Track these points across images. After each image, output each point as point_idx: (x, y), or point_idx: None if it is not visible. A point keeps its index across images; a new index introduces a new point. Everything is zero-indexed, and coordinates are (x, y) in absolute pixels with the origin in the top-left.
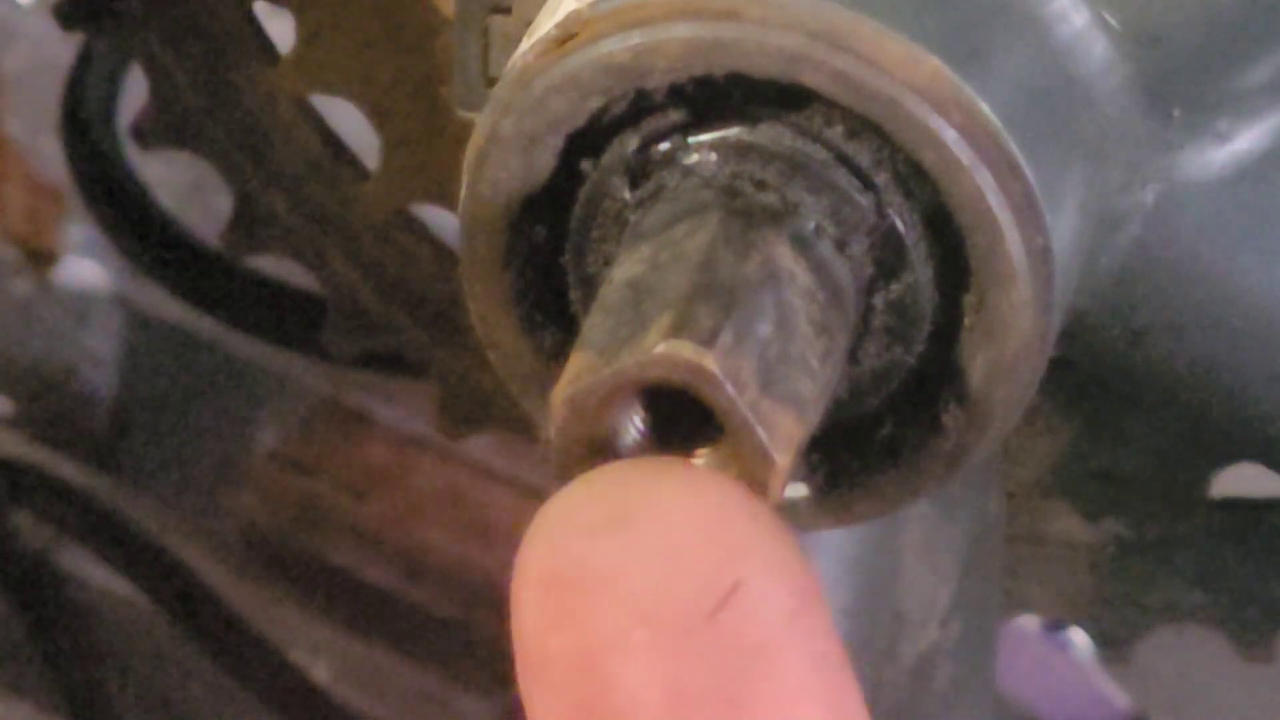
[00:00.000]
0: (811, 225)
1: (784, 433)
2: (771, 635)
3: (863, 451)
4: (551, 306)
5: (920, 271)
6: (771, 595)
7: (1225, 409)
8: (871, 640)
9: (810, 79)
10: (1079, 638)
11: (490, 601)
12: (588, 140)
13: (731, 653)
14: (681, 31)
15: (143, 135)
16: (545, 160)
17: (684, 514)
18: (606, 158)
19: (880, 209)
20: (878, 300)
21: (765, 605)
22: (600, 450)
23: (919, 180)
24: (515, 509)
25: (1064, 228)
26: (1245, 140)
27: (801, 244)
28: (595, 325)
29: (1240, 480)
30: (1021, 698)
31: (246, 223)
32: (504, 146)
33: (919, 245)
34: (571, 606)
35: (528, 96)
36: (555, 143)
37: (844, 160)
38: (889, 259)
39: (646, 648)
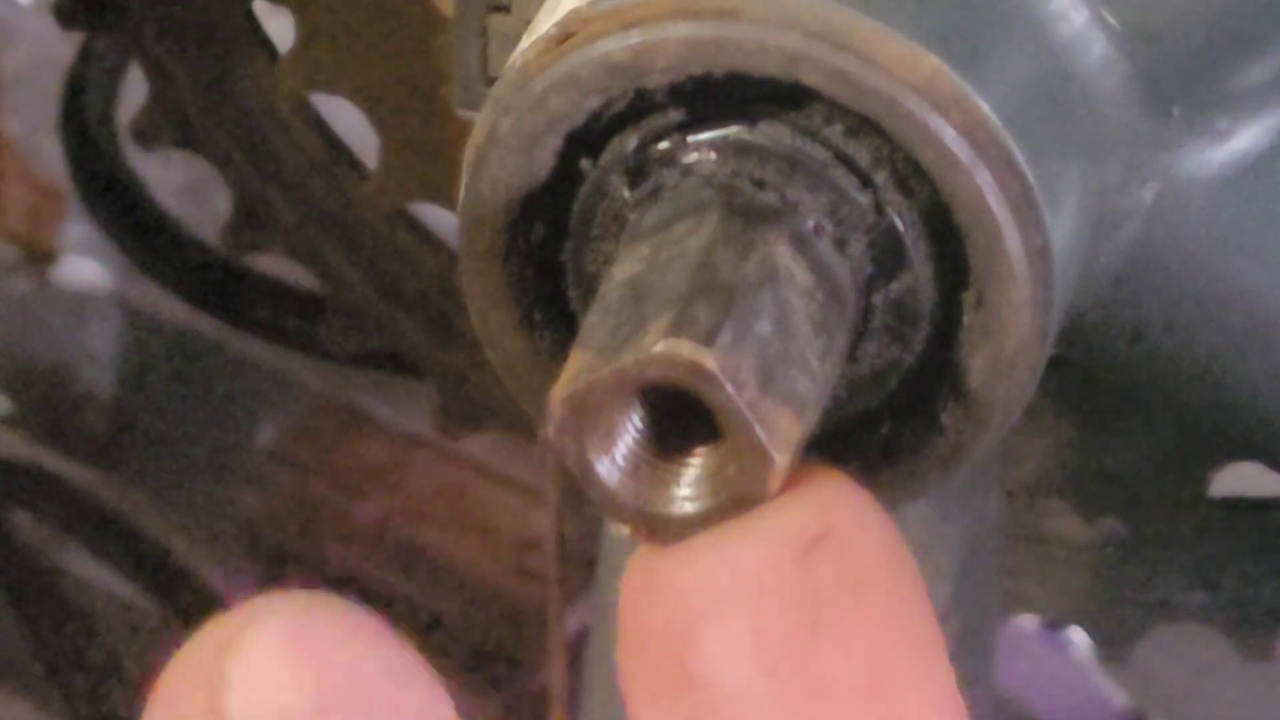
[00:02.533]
0: (811, 224)
1: (783, 432)
2: (860, 579)
3: (862, 451)
4: (551, 306)
5: (919, 270)
6: (861, 542)
7: (1225, 409)
8: None
9: (810, 78)
10: (1078, 637)
11: (490, 601)
12: (587, 139)
13: (819, 593)
14: (681, 31)
15: (143, 135)
16: (544, 159)
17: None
18: (606, 157)
19: (879, 208)
20: (877, 299)
21: (855, 551)
22: (599, 450)
23: (918, 179)
24: (515, 509)
25: (1063, 227)
26: (1245, 139)
27: (801, 243)
28: (594, 325)
29: (1240, 480)
30: (1021, 698)
31: (246, 223)
32: (503, 146)
33: (918, 244)
34: (663, 574)
35: (527, 96)
36: (554, 142)
37: (843, 159)
38: (888, 258)
39: (732, 593)
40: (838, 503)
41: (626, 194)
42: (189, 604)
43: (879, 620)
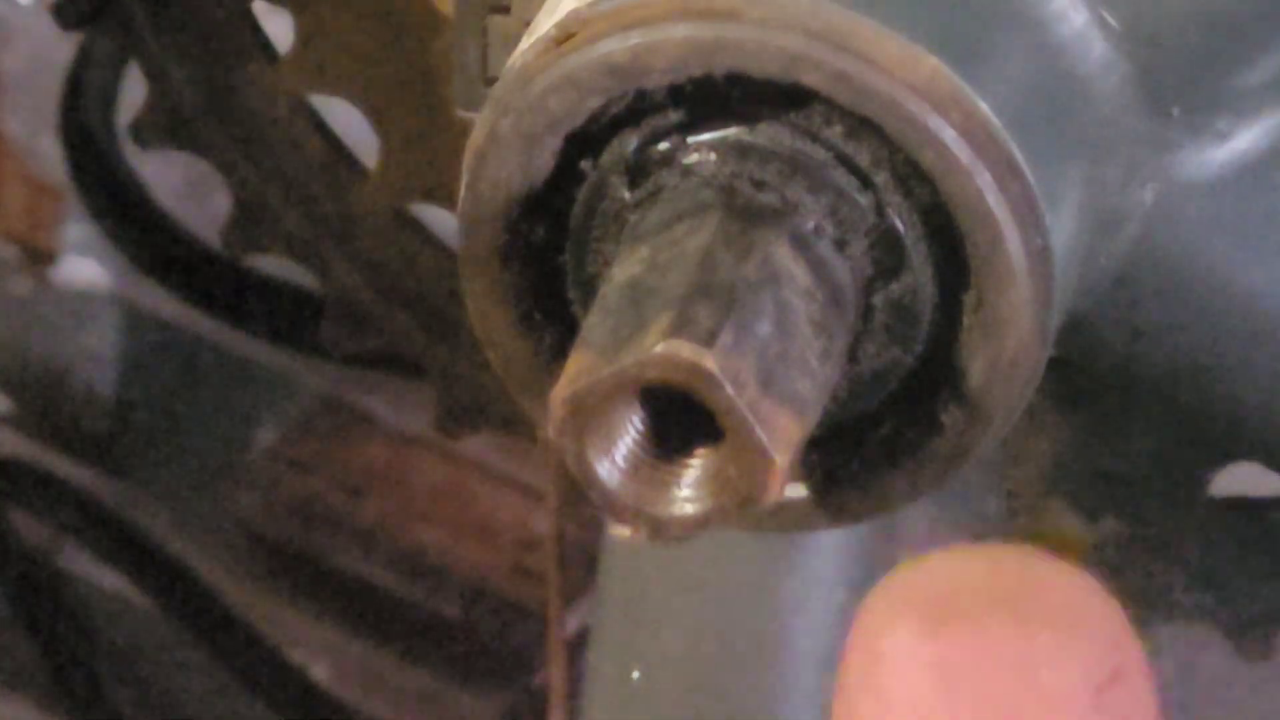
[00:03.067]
0: (811, 225)
1: (783, 432)
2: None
3: (862, 451)
4: (551, 306)
5: (919, 271)
6: (1144, 688)
7: (1225, 409)
8: None
9: (810, 79)
10: None
11: (490, 601)
12: (587, 140)
13: None
14: (681, 31)
15: (142, 135)
16: (544, 160)
17: (1068, 606)
18: (606, 157)
19: (880, 209)
20: (877, 300)
21: (1141, 693)
22: (600, 450)
23: (918, 180)
24: (515, 509)
25: (1063, 227)
26: (1245, 140)
27: (801, 244)
28: (595, 325)
29: (1240, 480)
30: None
31: (246, 223)
32: (503, 146)
33: (918, 245)
34: (972, 677)
35: (527, 96)
36: (554, 142)
37: (843, 160)
38: (888, 259)
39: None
40: (1126, 642)
41: (626, 195)
42: (189, 604)
43: None
